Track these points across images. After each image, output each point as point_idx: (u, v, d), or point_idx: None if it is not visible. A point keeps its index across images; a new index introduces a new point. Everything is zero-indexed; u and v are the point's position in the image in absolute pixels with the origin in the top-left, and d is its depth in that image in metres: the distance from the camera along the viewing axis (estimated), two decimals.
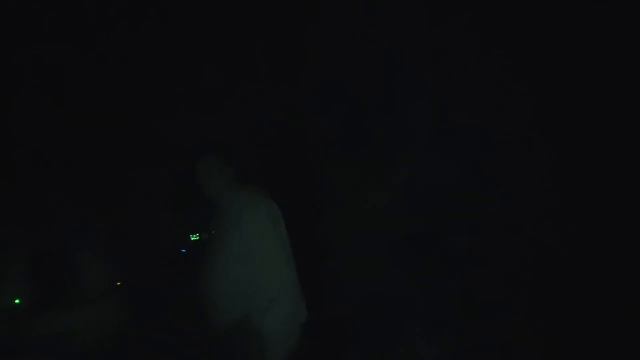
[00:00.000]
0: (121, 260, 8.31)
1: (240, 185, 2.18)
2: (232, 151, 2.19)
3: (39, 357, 5.29)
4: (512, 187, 3.39)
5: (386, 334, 3.70)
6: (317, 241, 3.76)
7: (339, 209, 4.00)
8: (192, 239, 10.71)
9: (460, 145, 3.56)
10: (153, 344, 4.95)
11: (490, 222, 3.40)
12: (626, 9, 3.04)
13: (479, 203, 3.50)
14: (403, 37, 3.74)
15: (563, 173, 3.32)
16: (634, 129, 3.12)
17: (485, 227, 3.42)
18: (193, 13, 3.97)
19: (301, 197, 3.91)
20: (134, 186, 5.28)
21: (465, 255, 3.50)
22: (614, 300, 2.97)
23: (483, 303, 3.36)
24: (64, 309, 8.22)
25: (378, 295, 3.82)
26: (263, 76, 4.16)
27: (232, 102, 4.29)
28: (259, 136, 4.16)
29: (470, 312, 3.40)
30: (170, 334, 4.90)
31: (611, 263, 3.03)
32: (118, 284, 9.63)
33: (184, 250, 9.98)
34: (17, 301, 9.13)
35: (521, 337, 3.05)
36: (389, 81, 3.78)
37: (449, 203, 3.61)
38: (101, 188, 5.52)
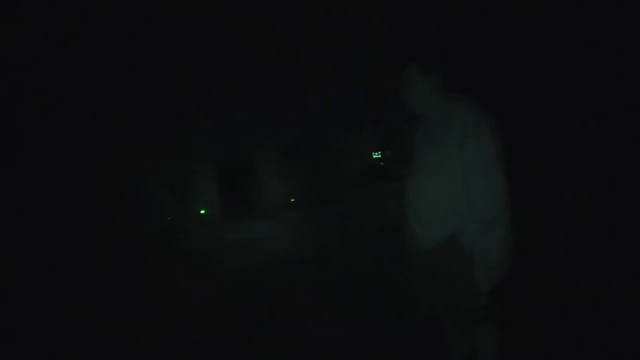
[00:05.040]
0: (299, 178, 8.81)
1: (448, 95, 1.93)
2: (436, 59, 1.92)
3: (225, 260, 5.86)
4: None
5: (578, 267, 3.34)
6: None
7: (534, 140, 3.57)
8: (374, 156, 10.63)
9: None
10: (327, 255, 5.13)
11: None
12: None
13: None
14: None
15: None
16: None
17: None
18: None
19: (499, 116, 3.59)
20: (317, 104, 5.36)
21: None
22: None
23: None
24: (249, 220, 9.15)
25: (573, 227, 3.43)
26: None
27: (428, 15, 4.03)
28: (457, 47, 3.85)
29: None
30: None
31: None
32: (292, 200, 10.35)
33: (382, 164, 9.92)
34: (202, 211, 10.33)
35: None
36: None
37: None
38: (284, 108, 5.73)
